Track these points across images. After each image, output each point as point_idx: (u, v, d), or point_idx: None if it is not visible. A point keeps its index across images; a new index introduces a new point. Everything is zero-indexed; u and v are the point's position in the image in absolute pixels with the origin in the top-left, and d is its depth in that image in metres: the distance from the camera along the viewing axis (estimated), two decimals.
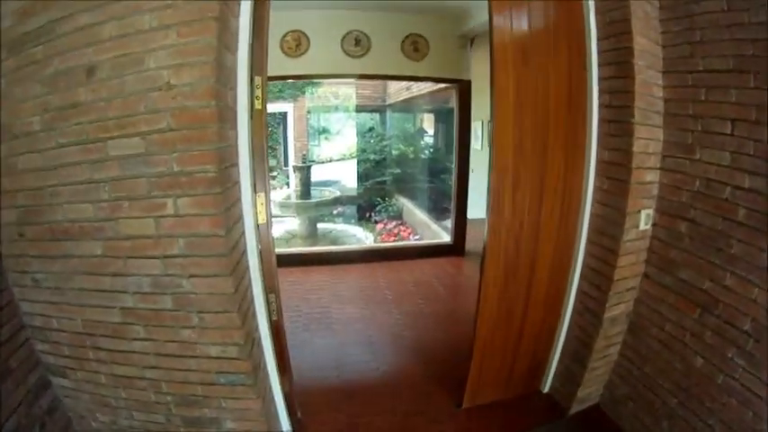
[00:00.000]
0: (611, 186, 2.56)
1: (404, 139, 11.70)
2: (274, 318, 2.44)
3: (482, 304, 2.81)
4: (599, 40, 2.52)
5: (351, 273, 5.58)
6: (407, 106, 10.92)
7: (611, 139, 2.53)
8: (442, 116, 10.07)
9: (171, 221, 1.75)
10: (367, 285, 5.15)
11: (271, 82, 9.97)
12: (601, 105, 2.59)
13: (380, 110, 11.94)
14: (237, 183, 1.99)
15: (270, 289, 2.33)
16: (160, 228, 1.78)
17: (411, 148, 11.46)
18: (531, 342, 3.01)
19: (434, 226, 7.78)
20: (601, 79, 2.56)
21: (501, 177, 2.56)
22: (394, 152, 11.57)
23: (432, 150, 10.58)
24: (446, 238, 6.61)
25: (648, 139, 2.40)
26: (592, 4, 2.49)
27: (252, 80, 2.04)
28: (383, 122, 12.19)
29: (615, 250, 2.51)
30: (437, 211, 8.75)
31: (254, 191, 2.13)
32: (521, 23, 2.50)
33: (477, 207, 6.32)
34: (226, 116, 1.79)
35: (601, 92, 2.57)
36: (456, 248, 6.28)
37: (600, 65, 2.54)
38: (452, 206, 6.27)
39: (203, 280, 1.82)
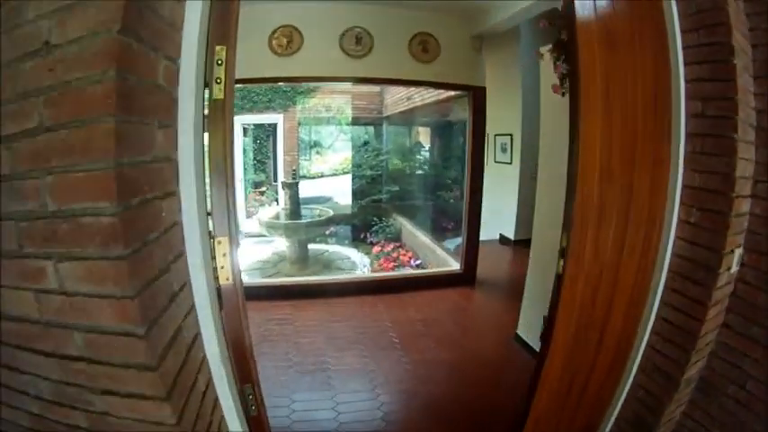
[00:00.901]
0: (702, 219, 2.00)
1: (402, 153, 11.00)
2: (254, 413, 1.65)
3: (543, 379, 2.17)
4: (683, 32, 1.96)
5: (348, 308, 4.77)
6: (406, 118, 10.25)
7: (704, 158, 1.98)
8: (445, 129, 9.44)
9: (57, 301, 0.95)
10: (369, 325, 4.35)
11: (257, 86, 9.34)
12: (689, 115, 2.00)
13: (376, 122, 11.23)
14: (178, 225, 1.18)
15: (245, 379, 1.53)
16: (44, 309, 0.98)
17: (410, 164, 10.77)
18: (588, 410, 2.38)
19: (440, 251, 7.02)
20: (688, 81, 1.97)
21: (585, 210, 1.86)
22: (391, 168, 10.84)
23: (433, 166, 9.90)
24: (454, 265, 5.84)
25: (747, 160, 1.92)
26: None
27: (210, 50, 1.23)
28: (379, 136, 11.48)
29: (704, 301, 1.97)
30: (440, 233, 8.02)
31: (211, 235, 1.33)
32: (603, 5, 1.87)
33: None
34: (143, 102, 0.99)
35: (688, 98, 1.99)
36: (466, 278, 5.51)
37: (686, 63, 1.96)
38: (463, 229, 5.54)
39: (123, 401, 1.01)
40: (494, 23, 4.68)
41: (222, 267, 1.33)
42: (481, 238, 5.74)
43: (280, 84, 9.89)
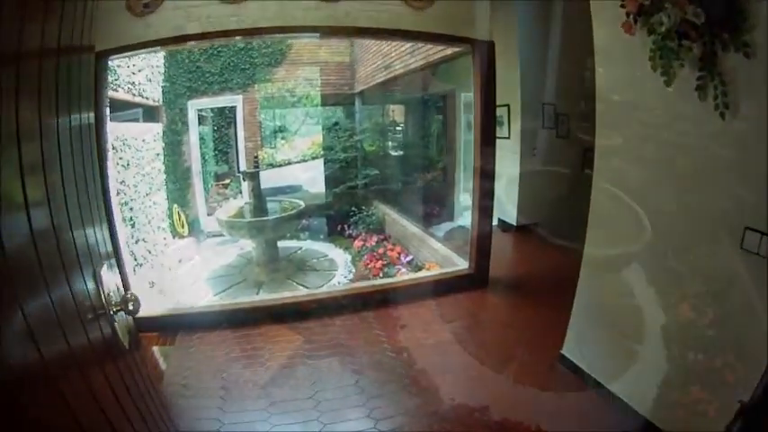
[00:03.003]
0: None
1: (378, 133, 9.84)
2: None
3: None
4: None
5: (336, 332, 3.64)
6: (382, 93, 9.10)
7: None
8: (422, 105, 8.39)
9: None
10: (368, 360, 3.23)
11: (205, 53, 7.97)
12: None
13: (347, 100, 10.00)
14: None
15: None
16: None
17: (387, 144, 9.66)
18: None
19: (435, 243, 5.96)
20: None
21: None
22: (367, 149, 9.69)
23: (412, 146, 8.84)
24: (461, 264, 4.76)
25: None
26: None
27: None
28: (351, 114, 10.26)
29: None
30: (427, 219, 6.99)
31: None
32: None
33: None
34: None
35: None
36: (477, 278, 4.44)
37: None
38: (473, 218, 4.46)
39: None
40: None
41: None
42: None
43: (233, 52, 8.63)
